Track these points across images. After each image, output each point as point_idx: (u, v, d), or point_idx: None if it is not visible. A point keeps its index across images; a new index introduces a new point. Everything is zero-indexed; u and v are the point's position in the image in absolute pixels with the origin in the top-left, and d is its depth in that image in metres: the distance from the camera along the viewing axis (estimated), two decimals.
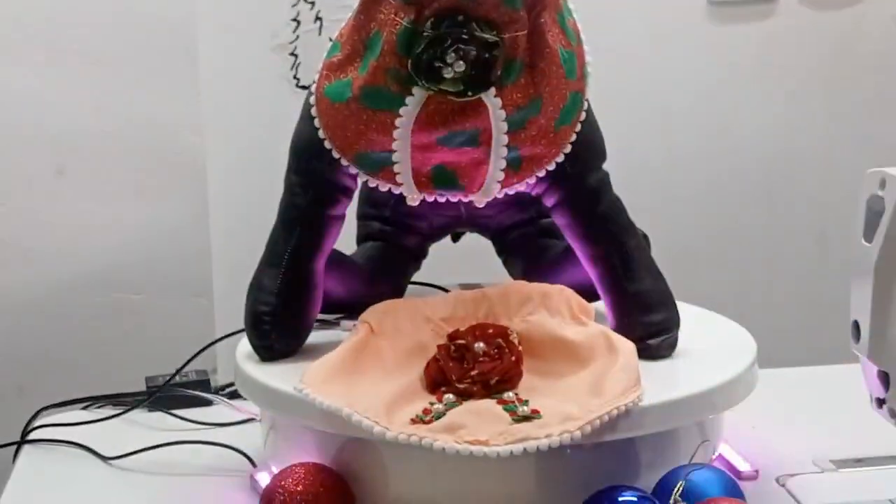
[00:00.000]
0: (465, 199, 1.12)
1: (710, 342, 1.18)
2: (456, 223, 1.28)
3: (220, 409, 1.32)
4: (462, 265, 1.35)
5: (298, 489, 1.01)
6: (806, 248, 1.83)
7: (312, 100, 1.11)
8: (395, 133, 1.07)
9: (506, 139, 1.07)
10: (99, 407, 1.34)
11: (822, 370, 1.40)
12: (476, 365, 1.04)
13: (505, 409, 1.00)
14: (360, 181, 1.13)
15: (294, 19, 1.66)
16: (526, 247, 1.29)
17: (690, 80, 1.77)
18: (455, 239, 1.32)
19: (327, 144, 1.10)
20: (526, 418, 0.99)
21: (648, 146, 1.76)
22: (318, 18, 1.66)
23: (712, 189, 1.80)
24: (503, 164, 1.08)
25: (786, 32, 1.78)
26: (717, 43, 1.77)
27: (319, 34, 1.66)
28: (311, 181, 1.13)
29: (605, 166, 1.16)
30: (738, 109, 1.79)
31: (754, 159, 1.80)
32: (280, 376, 1.09)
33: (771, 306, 1.81)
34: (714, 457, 1.14)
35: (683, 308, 1.17)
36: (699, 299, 1.28)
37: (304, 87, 1.66)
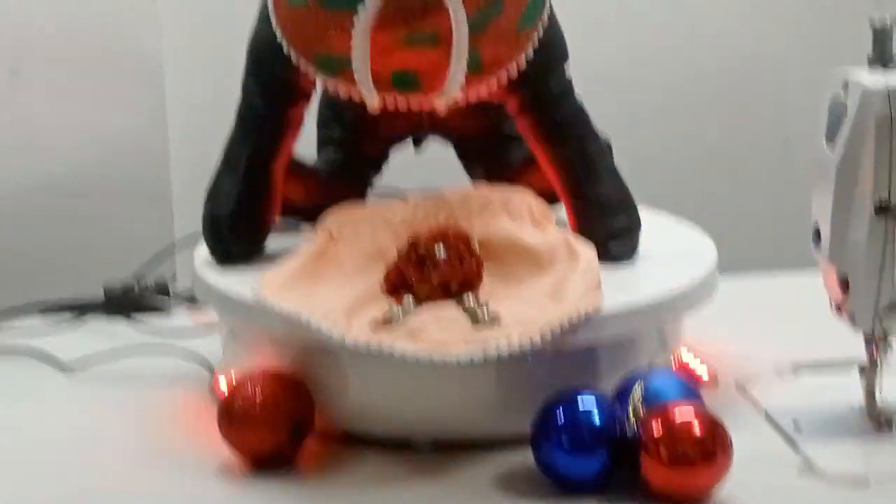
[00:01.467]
0: (426, 104, 1.10)
1: (670, 247, 1.18)
2: (417, 129, 1.26)
3: (180, 316, 1.32)
4: (423, 171, 1.33)
5: (257, 395, 1.01)
6: (770, 153, 1.83)
7: (269, 1, 1.09)
8: (354, 34, 1.05)
9: (467, 40, 1.06)
10: (56, 312, 1.33)
11: (784, 276, 1.41)
12: (436, 269, 1.03)
13: (465, 313, 1.00)
14: (319, 86, 1.12)
15: None
16: (488, 152, 1.28)
17: None
18: (417, 145, 1.31)
19: (285, 47, 1.08)
20: (486, 322, 0.99)
21: (608, 50, 1.74)
22: None
23: (674, 94, 1.78)
24: (464, 65, 1.07)
25: None
26: None
27: None
28: (269, 84, 1.12)
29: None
30: (699, 12, 1.77)
31: (717, 63, 1.79)
32: (238, 282, 1.08)
33: (734, 212, 1.81)
34: (674, 361, 1.14)
35: (645, 213, 1.17)
36: (661, 205, 1.27)
37: None
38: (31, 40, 1.53)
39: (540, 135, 1.14)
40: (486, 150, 1.28)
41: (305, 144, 1.22)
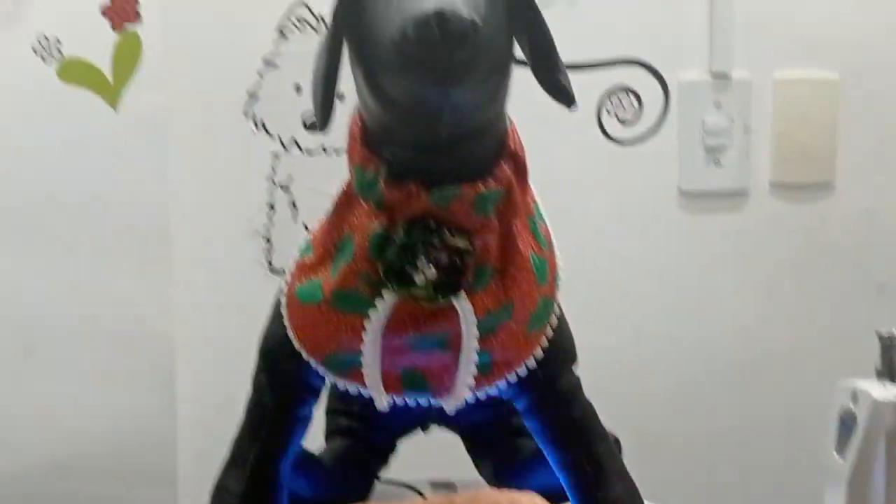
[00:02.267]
0: (435, 404, 1.10)
1: None
2: (425, 419, 1.27)
3: None
4: (431, 458, 1.33)
5: None
6: (778, 442, 1.82)
7: (283, 300, 1.11)
8: (365, 336, 1.06)
9: (476, 344, 1.06)
10: None
11: None
12: None
13: None
14: (328, 381, 1.12)
15: (269, 205, 1.67)
16: (496, 446, 1.27)
17: (661, 270, 1.78)
18: (424, 430, 1.31)
19: (297, 345, 1.09)
20: None
21: (617, 336, 1.76)
22: (293, 205, 1.67)
23: (682, 381, 1.79)
24: (473, 368, 1.07)
25: (756, 224, 1.79)
26: (688, 232, 1.78)
27: (294, 221, 1.67)
28: (280, 381, 1.12)
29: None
30: (708, 300, 1.79)
31: (725, 351, 1.80)
32: None
33: (741, 495, 1.80)
34: None
35: None
36: (669, 496, 1.26)
37: (277, 272, 1.66)
38: (46, 323, 1.56)
39: (548, 435, 1.13)
40: (495, 442, 1.28)
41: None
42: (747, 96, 1.76)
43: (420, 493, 1.28)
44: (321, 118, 1.02)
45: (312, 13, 1.63)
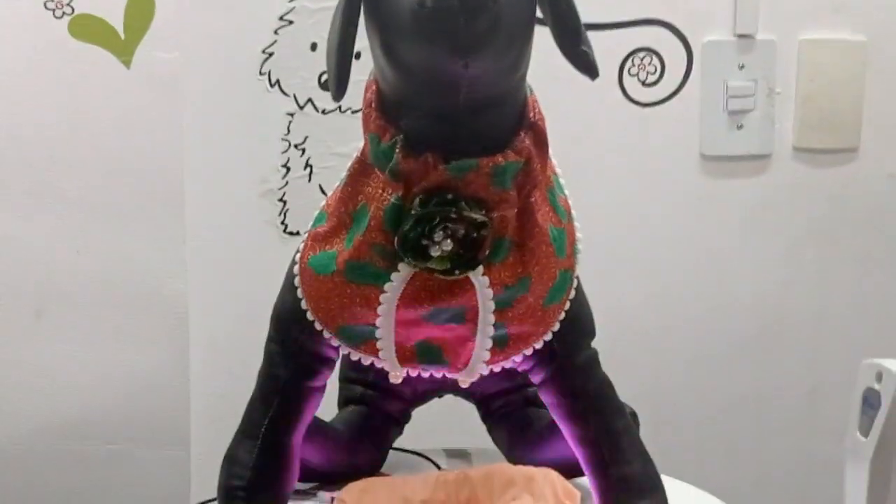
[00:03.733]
0: (450, 377, 1.09)
1: None
2: (440, 388, 1.25)
3: None
4: (446, 426, 1.32)
5: None
6: (797, 405, 1.80)
7: (296, 270, 1.09)
8: (380, 309, 1.04)
9: (492, 317, 1.05)
10: None
11: None
12: None
13: None
14: (342, 352, 1.11)
15: (284, 165, 1.64)
16: (511, 416, 1.26)
17: (681, 234, 1.75)
18: (439, 395, 1.29)
19: (310, 316, 1.07)
20: None
21: (636, 300, 1.74)
22: (308, 165, 1.65)
23: (700, 348, 1.77)
24: (489, 342, 1.06)
25: (779, 188, 1.77)
26: (709, 197, 1.75)
27: (309, 181, 1.64)
28: (293, 352, 1.10)
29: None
30: (729, 265, 1.77)
31: (745, 318, 1.78)
32: None
33: (761, 465, 1.78)
34: None
35: (671, 486, 1.14)
36: (686, 468, 1.25)
37: (291, 234, 1.64)
38: (57, 284, 1.55)
39: (564, 410, 1.11)
40: (510, 412, 1.26)
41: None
42: (772, 58, 1.73)
43: (434, 462, 1.27)
44: (335, 89, 0.99)
45: None
